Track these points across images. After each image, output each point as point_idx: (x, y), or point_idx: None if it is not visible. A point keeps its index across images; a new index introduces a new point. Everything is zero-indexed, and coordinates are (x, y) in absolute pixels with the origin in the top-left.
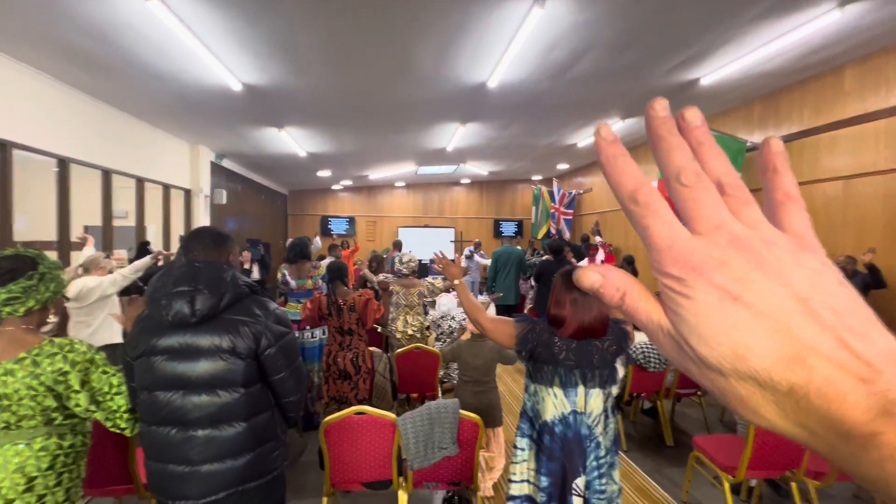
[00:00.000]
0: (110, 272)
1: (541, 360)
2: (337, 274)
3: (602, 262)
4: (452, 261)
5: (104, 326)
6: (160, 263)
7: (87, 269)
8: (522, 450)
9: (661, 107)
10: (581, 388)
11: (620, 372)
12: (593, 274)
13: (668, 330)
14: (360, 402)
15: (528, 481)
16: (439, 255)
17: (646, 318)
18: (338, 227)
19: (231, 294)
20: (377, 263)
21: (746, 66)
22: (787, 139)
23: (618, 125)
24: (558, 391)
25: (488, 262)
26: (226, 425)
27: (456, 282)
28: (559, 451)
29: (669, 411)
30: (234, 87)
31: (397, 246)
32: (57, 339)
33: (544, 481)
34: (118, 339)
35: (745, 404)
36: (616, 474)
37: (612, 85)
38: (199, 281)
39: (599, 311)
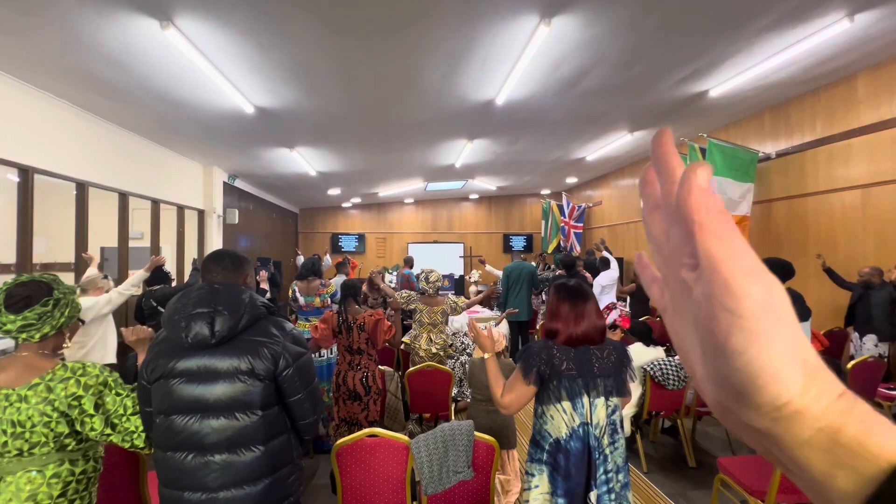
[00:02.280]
0: (107, 293)
1: (545, 377)
2: (350, 292)
3: (616, 321)
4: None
5: (98, 346)
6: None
7: (85, 289)
8: (533, 475)
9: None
10: (586, 398)
11: (635, 393)
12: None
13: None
14: (371, 424)
15: None
16: (471, 322)
17: None
18: (348, 245)
19: (249, 315)
20: (371, 285)
21: (755, 76)
22: (800, 149)
23: (626, 139)
24: (566, 405)
25: (498, 273)
26: (244, 449)
27: (486, 355)
28: (574, 469)
29: (690, 430)
30: (247, 111)
31: (408, 263)
32: (70, 364)
33: (561, 503)
34: (111, 359)
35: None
36: (630, 496)
37: (619, 99)
38: (219, 302)
39: (592, 320)
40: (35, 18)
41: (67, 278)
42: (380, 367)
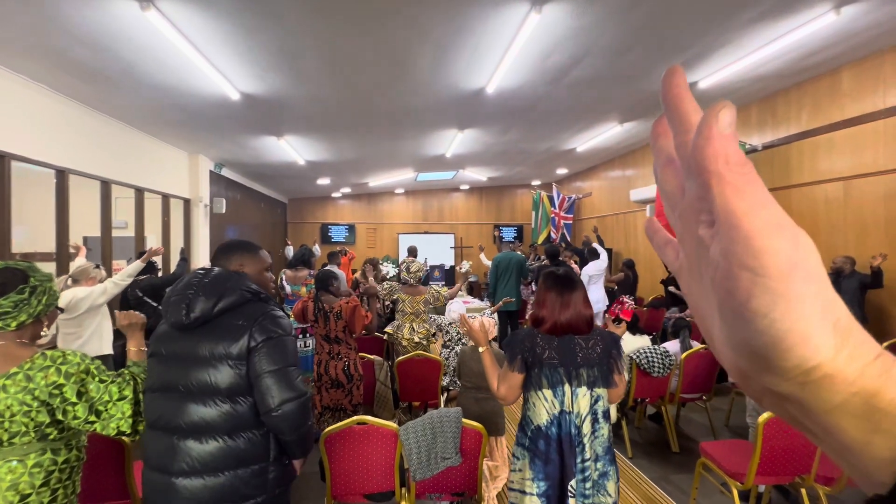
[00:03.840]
0: (100, 282)
1: (529, 364)
2: (321, 284)
3: (619, 314)
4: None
5: (94, 337)
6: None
7: (77, 279)
8: (518, 458)
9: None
10: (567, 387)
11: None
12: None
13: None
14: (356, 408)
15: (523, 491)
16: (463, 317)
17: None
18: (337, 235)
19: (229, 299)
20: (370, 267)
21: (743, 68)
22: (786, 141)
23: (616, 130)
24: (547, 392)
25: (488, 262)
26: (206, 437)
27: (481, 349)
28: (555, 454)
29: (674, 416)
30: (233, 97)
31: (412, 252)
32: (49, 352)
33: (542, 486)
34: (108, 350)
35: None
36: (610, 486)
37: (610, 89)
38: (200, 286)
39: (578, 308)
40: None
41: (48, 268)
42: (360, 354)
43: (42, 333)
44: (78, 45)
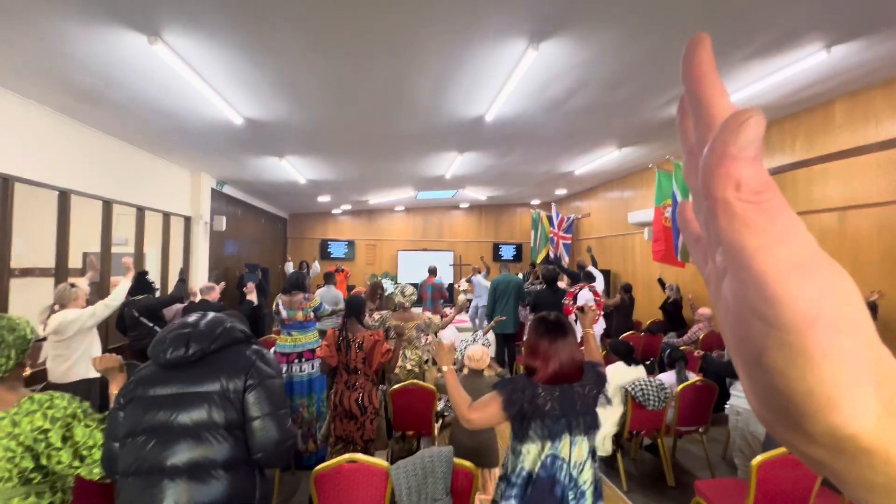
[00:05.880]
0: (85, 300)
1: (526, 416)
2: (354, 310)
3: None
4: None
5: (82, 360)
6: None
7: (63, 304)
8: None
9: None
10: (567, 437)
11: (616, 412)
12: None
13: None
14: (367, 443)
15: None
16: (434, 340)
17: None
18: (337, 251)
19: (224, 339)
20: (373, 292)
21: (738, 101)
22: (780, 170)
23: (614, 154)
24: (547, 444)
25: (487, 283)
26: (205, 474)
27: (444, 368)
28: (541, 499)
29: (671, 448)
30: (236, 122)
31: (433, 272)
32: (37, 396)
33: None
34: (95, 373)
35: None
36: None
37: (607, 118)
38: (197, 326)
39: (571, 355)
40: (17, 28)
41: (47, 284)
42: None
43: (24, 373)
44: (85, 74)
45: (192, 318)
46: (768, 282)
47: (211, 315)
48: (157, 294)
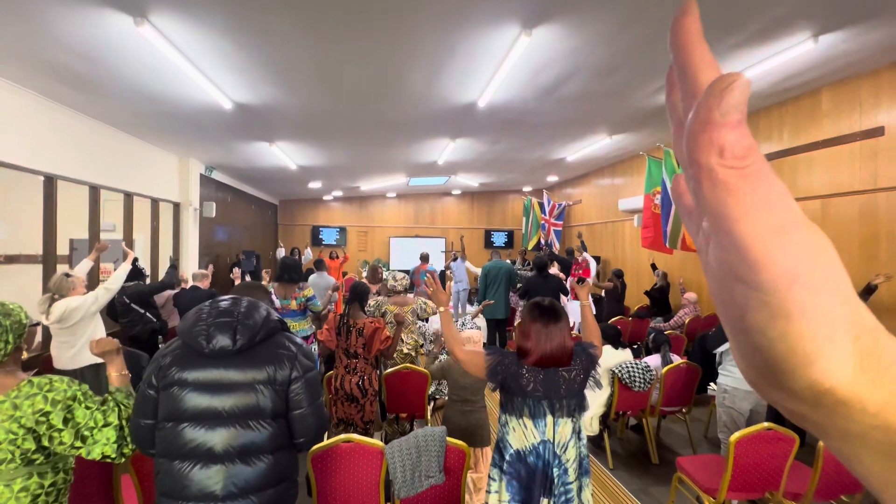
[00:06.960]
0: (84, 287)
1: (510, 391)
2: (358, 297)
3: (581, 274)
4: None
5: (87, 346)
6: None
7: (62, 294)
8: (494, 480)
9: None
10: (550, 419)
11: (603, 394)
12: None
13: None
14: (367, 425)
15: None
16: (430, 279)
17: None
18: (328, 237)
19: (267, 328)
20: (374, 275)
21: None
22: (767, 158)
23: (605, 141)
24: (528, 422)
25: (477, 270)
26: (254, 458)
27: (441, 309)
28: (530, 480)
29: (655, 428)
30: (225, 106)
31: (425, 259)
32: (36, 379)
33: None
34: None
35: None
36: (586, 495)
37: (599, 105)
38: (240, 314)
39: (562, 341)
40: None
41: (33, 271)
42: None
43: (22, 357)
44: (69, 55)
45: (226, 302)
46: (749, 246)
47: (246, 301)
48: (148, 281)
